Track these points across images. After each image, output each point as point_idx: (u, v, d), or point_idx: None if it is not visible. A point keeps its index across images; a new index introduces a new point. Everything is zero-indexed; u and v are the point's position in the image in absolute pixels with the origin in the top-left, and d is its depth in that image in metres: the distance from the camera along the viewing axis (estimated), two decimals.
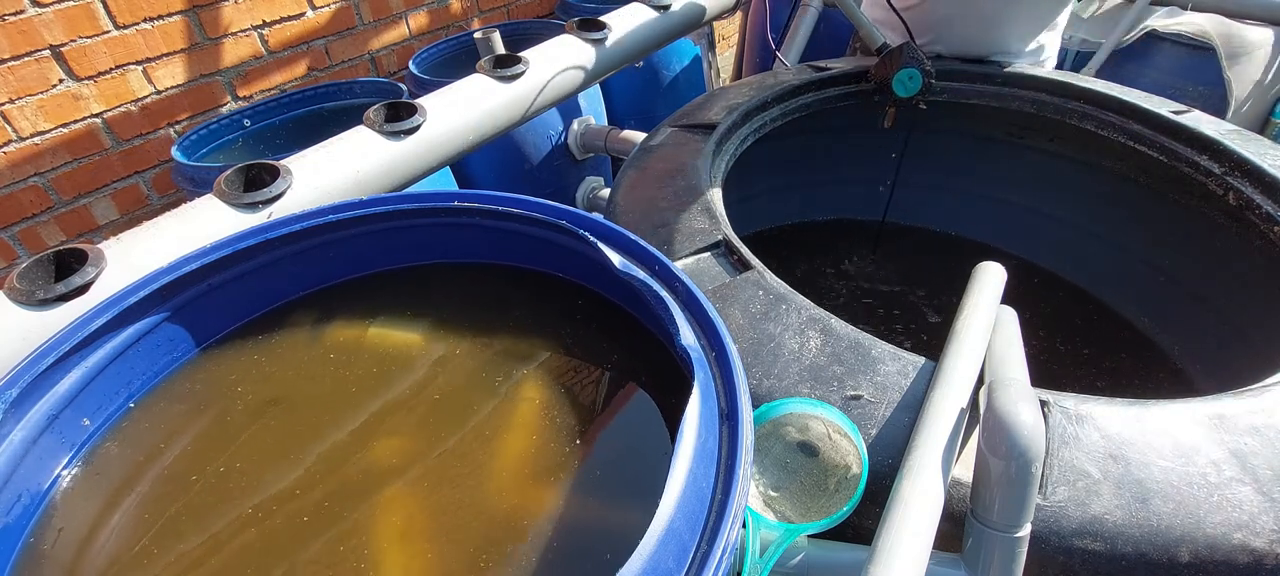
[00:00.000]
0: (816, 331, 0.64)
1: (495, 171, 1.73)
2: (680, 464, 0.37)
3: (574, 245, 0.58)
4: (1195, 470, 0.52)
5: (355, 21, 1.94)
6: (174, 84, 1.63)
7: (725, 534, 0.36)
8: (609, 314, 0.60)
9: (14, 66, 1.37)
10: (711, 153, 0.98)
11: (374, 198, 0.61)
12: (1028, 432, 0.45)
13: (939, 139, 1.36)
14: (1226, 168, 0.97)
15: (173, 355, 0.56)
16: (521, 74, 1.07)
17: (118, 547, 0.43)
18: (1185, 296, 1.17)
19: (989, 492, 0.47)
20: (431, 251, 0.60)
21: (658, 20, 1.34)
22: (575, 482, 0.46)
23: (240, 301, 0.59)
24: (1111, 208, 1.24)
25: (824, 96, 1.19)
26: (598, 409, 0.52)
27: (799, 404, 0.55)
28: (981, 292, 0.65)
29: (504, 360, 0.56)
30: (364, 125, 0.91)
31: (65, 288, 0.60)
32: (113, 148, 1.58)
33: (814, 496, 0.52)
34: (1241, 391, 0.60)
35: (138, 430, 0.51)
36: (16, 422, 0.44)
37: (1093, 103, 1.13)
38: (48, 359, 0.46)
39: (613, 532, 0.44)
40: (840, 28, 1.83)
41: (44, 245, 1.55)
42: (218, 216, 0.73)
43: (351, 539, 0.43)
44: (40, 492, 0.46)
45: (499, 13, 2.33)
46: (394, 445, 0.49)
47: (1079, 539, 0.50)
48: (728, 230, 0.79)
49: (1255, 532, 0.49)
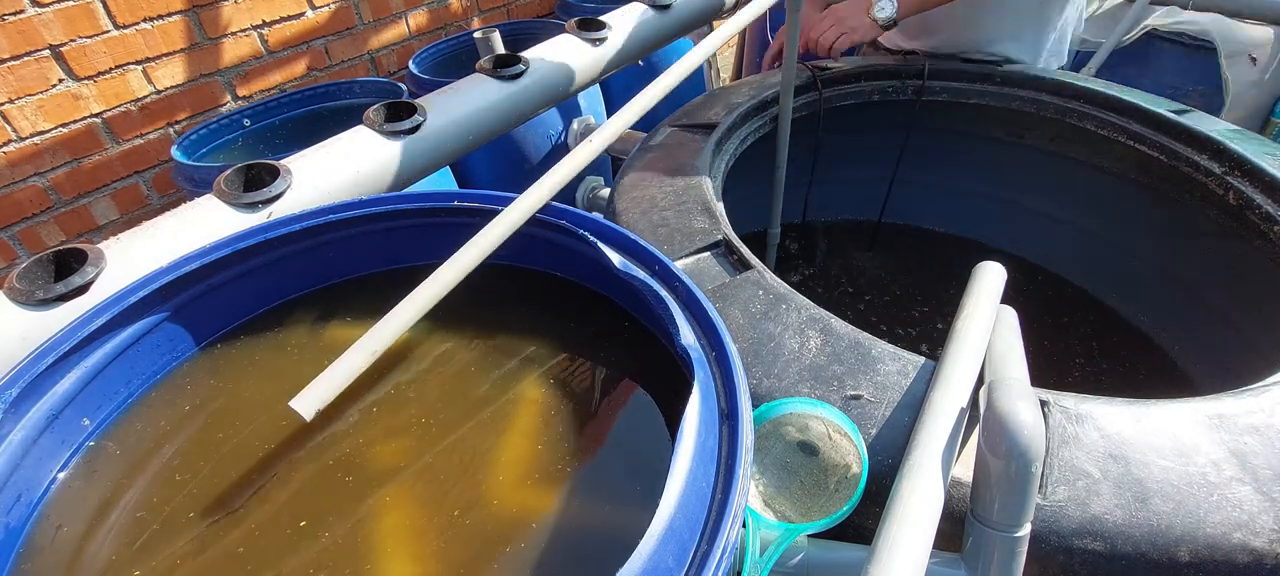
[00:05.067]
0: (816, 331, 0.64)
1: (495, 171, 1.73)
2: (680, 464, 0.37)
3: (574, 245, 0.58)
4: (1195, 470, 0.52)
5: (355, 21, 1.94)
6: (174, 84, 1.63)
7: (725, 534, 0.36)
8: (609, 314, 0.60)
9: (14, 66, 1.37)
10: (711, 152, 0.98)
11: (374, 198, 0.61)
12: (1028, 432, 0.45)
13: (938, 139, 1.36)
14: (1226, 167, 0.97)
15: (173, 355, 0.56)
16: (521, 74, 1.07)
17: (117, 547, 0.43)
18: (1185, 296, 1.17)
19: (989, 492, 0.47)
20: (431, 251, 0.60)
21: (658, 20, 1.34)
22: (575, 482, 0.46)
23: (240, 301, 0.59)
24: (1111, 207, 1.24)
25: (823, 96, 1.19)
26: (597, 409, 0.52)
27: (799, 403, 0.55)
28: (981, 292, 0.65)
29: (504, 360, 0.56)
30: (364, 125, 0.91)
31: (65, 287, 0.60)
32: (113, 147, 1.58)
33: (814, 496, 0.52)
34: (1241, 391, 0.60)
35: (137, 430, 0.51)
36: (16, 422, 0.44)
37: (1093, 103, 1.13)
38: (48, 359, 0.46)
39: (613, 532, 0.44)
40: None
41: (44, 245, 1.55)
42: (218, 216, 0.73)
43: (351, 539, 0.43)
44: (40, 492, 0.46)
45: (499, 13, 2.33)
46: (394, 445, 0.49)
47: (1079, 538, 0.50)
48: (728, 230, 0.79)
49: (1255, 532, 0.49)
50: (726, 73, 3.21)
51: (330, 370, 0.47)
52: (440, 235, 0.62)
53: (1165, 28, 1.86)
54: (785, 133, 1.09)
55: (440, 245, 0.58)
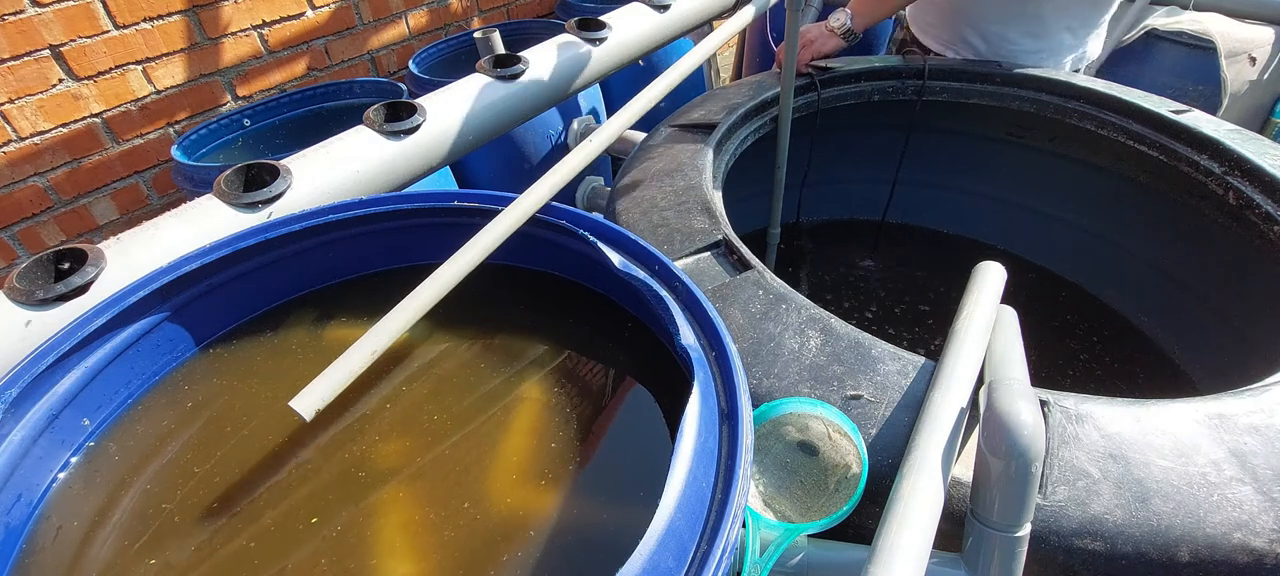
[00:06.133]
0: (816, 331, 0.64)
1: (495, 171, 1.73)
2: (680, 464, 0.37)
3: (574, 245, 0.58)
4: (1195, 469, 0.52)
5: (355, 21, 1.94)
6: (174, 84, 1.63)
7: (725, 533, 0.36)
8: (609, 314, 0.60)
9: (14, 66, 1.37)
10: (711, 152, 0.98)
11: (374, 197, 0.61)
12: (1028, 432, 0.45)
13: (939, 139, 1.36)
14: (1226, 167, 0.97)
15: (172, 355, 0.56)
16: (521, 73, 1.07)
17: (117, 547, 0.43)
18: (1185, 296, 1.17)
19: (989, 492, 0.47)
20: (431, 251, 0.60)
21: (658, 20, 1.34)
22: (575, 482, 0.46)
23: (240, 301, 0.59)
24: (1111, 207, 1.24)
25: (823, 96, 1.19)
26: (598, 409, 0.52)
27: (799, 403, 0.55)
28: (981, 292, 0.65)
29: (504, 360, 0.56)
30: (364, 125, 0.91)
31: (65, 288, 0.60)
32: (113, 147, 1.58)
33: (814, 496, 0.52)
34: (1241, 391, 0.60)
35: (137, 430, 0.51)
36: (16, 422, 0.44)
37: (1093, 102, 1.13)
38: (47, 359, 0.46)
39: (613, 532, 0.44)
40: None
41: (44, 245, 1.55)
42: (218, 216, 0.73)
43: (351, 539, 0.43)
44: (40, 492, 0.46)
45: (499, 13, 2.33)
46: (394, 445, 0.49)
47: (1079, 538, 0.50)
48: (728, 230, 0.79)
49: (1255, 532, 0.49)
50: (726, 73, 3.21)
51: (330, 370, 0.47)
52: (440, 235, 0.62)
53: (1165, 28, 1.86)
54: (785, 133, 1.09)
55: (440, 245, 0.58)
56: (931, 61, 1.23)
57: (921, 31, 1.42)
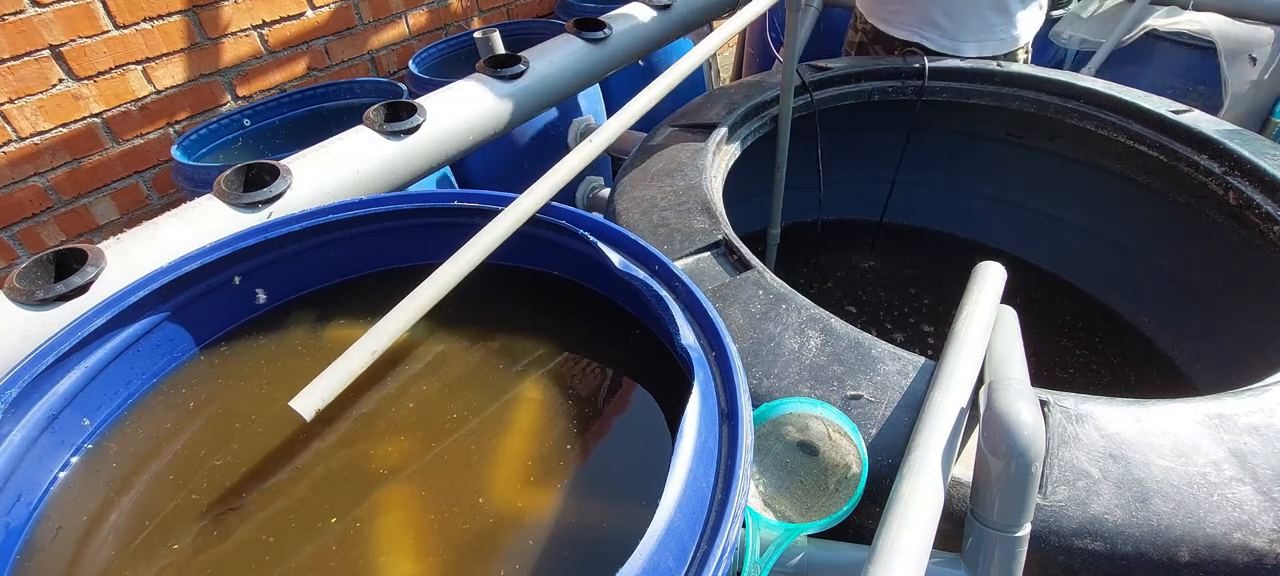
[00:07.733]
0: (816, 331, 0.64)
1: (495, 171, 1.73)
2: (680, 464, 0.37)
3: (574, 245, 0.58)
4: (1195, 470, 0.52)
5: (355, 21, 1.94)
6: (174, 84, 1.63)
7: (725, 533, 0.36)
8: (609, 314, 0.60)
9: (14, 66, 1.37)
10: (711, 152, 0.98)
11: (374, 197, 0.61)
12: (1028, 432, 0.45)
13: (939, 139, 1.36)
14: (1226, 167, 0.97)
15: (172, 355, 0.56)
16: (521, 74, 1.07)
17: (117, 547, 0.43)
18: (1185, 296, 1.17)
19: (989, 492, 0.47)
20: (431, 251, 0.60)
21: (658, 20, 1.34)
22: (575, 482, 0.46)
23: (240, 301, 0.59)
24: (1111, 207, 1.24)
25: (823, 96, 1.19)
26: (597, 409, 0.52)
27: (799, 403, 0.55)
28: (981, 292, 0.65)
29: (504, 359, 0.56)
30: (364, 125, 0.91)
31: (65, 287, 0.60)
32: (113, 147, 1.58)
33: (814, 496, 0.52)
34: (1241, 391, 0.60)
35: (137, 430, 0.51)
36: (16, 422, 0.44)
37: (1093, 102, 1.13)
38: (47, 359, 0.46)
39: (613, 532, 0.44)
40: (840, 27, 1.83)
41: (44, 245, 1.55)
42: (218, 216, 0.73)
43: (351, 538, 0.43)
44: (40, 492, 0.46)
45: (499, 13, 2.33)
46: (394, 445, 0.49)
47: (1079, 538, 0.50)
48: (728, 230, 0.79)
49: (1255, 532, 0.49)
50: (726, 73, 3.21)
51: (330, 370, 0.47)
52: (440, 235, 0.62)
53: (1165, 28, 1.86)
54: (785, 133, 1.09)
55: (440, 245, 0.58)
56: (932, 62, 1.23)
57: (883, 21, 1.42)
